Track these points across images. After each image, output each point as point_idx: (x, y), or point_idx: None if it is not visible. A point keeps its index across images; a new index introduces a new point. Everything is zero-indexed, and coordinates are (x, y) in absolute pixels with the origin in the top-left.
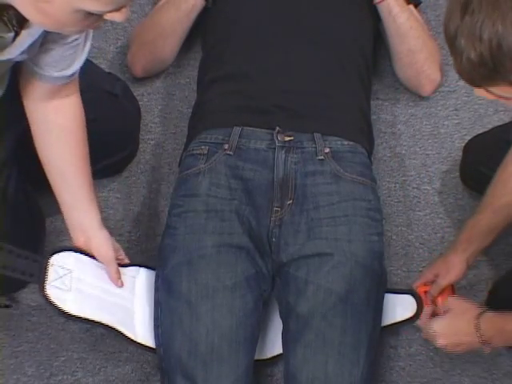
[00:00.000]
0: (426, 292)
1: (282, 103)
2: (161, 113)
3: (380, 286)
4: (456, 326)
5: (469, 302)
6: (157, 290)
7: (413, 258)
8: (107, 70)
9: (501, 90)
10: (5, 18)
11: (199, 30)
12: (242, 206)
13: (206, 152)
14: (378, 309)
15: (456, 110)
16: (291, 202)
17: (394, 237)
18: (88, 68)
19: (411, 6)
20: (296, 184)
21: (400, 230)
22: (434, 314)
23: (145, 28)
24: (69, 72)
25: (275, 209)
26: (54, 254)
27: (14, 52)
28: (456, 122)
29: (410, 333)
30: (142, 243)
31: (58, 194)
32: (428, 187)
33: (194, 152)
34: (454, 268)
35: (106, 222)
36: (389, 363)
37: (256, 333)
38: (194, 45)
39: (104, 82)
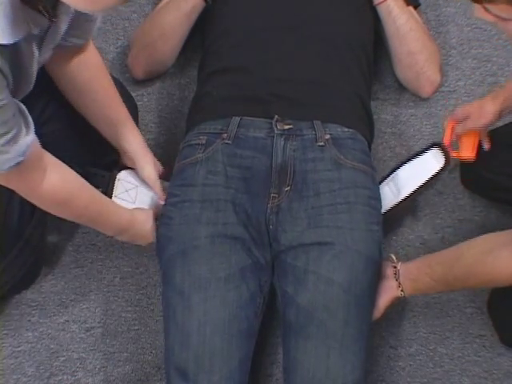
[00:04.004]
0: (453, 127)
1: (280, 92)
2: (161, 113)
3: (379, 275)
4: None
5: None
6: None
7: (413, 258)
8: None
9: (498, 9)
10: (40, 7)
11: (199, 30)
12: (238, 195)
13: (204, 142)
14: (374, 297)
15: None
16: (289, 188)
17: (394, 237)
18: None
19: (411, 8)
20: (295, 170)
21: (400, 230)
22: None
23: (145, 30)
24: (88, 38)
25: (272, 195)
26: (121, 170)
27: (58, 38)
28: None
29: (409, 333)
30: None
31: (102, 129)
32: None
33: (192, 142)
34: (485, 114)
35: None
36: (389, 363)
37: (253, 325)
38: (194, 45)
39: None
